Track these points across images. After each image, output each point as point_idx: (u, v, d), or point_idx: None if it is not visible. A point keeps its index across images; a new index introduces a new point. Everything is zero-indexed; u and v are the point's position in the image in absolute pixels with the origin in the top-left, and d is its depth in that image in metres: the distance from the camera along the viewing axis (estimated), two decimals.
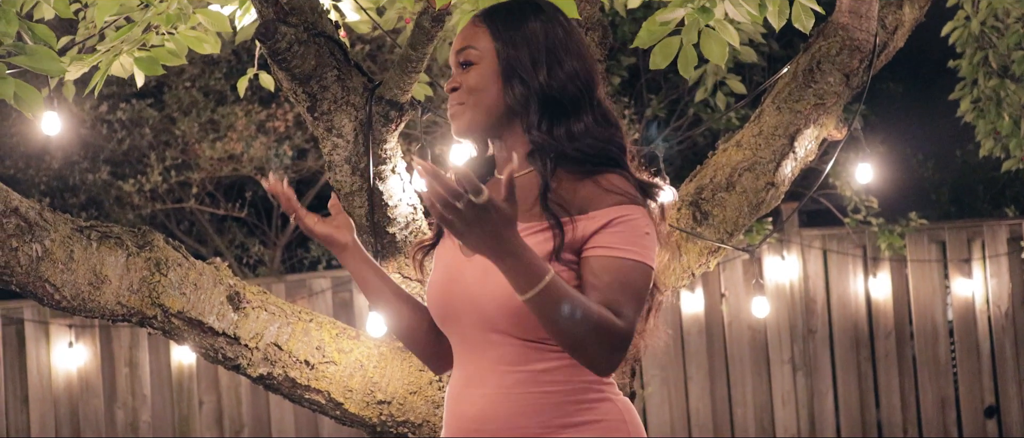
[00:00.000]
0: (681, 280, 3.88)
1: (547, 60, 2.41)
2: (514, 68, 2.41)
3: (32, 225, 3.17)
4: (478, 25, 2.47)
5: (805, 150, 3.99)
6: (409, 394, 3.49)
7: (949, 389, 7.59)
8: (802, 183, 7.35)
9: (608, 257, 2.29)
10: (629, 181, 2.38)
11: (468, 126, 2.45)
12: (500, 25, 2.44)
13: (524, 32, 2.43)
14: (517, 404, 2.36)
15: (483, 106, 2.43)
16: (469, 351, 2.43)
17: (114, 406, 7.40)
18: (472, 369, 2.42)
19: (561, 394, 2.36)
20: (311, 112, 3.33)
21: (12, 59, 2.92)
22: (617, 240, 2.30)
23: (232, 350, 3.40)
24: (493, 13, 2.47)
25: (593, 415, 2.38)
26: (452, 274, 2.45)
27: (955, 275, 7.56)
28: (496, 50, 2.43)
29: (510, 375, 2.37)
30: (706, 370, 7.60)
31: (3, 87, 2.89)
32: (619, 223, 2.31)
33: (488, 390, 2.39)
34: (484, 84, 2.43)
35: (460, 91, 2.45)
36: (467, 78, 2.44)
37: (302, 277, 7.68)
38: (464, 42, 2.46)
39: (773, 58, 8.45)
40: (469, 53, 2.45)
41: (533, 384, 2.36)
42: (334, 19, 3.73)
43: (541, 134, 2.40)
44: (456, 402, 2.45)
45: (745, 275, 7.57)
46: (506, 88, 2.41)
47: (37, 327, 7.34)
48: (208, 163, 8.33)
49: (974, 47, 6.16)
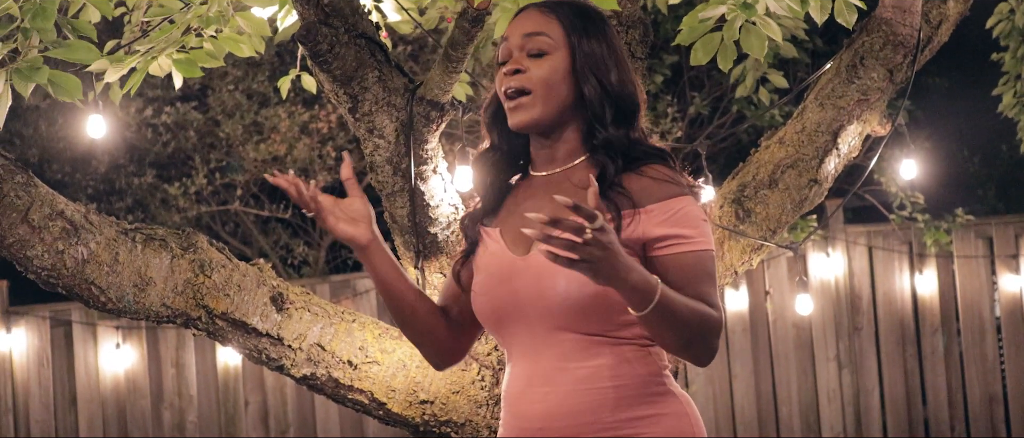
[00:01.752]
0: (725, 278, 3.87)
1: (616, 62, 2.41)
2: (589, 66, 2.38)
3: (78, 228, 3.20)
4: (547, 15, 2.41)
5: (849, 146, 3.97)
6: (452, 394, 3.49)
7: (997, 386, 7.52)
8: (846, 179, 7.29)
9: (683, 252, 2.32)
10: (675, 171, 2.39)
11: (536, 120, 2.39)
12: (574, 20, 2.41)
13: (596, 31, 2.41)
14: (584, 400, 2.35)
15: (554, 100, 2.39)
16: (529, 351, 2.41)
17: (161, 407, 7.45)
18: (534, 368, 2.40)
19: (626, 388, 2.36)
20: (352, 113, 3.34)
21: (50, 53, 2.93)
22: (684, 232, 2.32)
23: (276, 351, 3.41)
24: (566, 6, 2.43)
25: (658, 408, 2.38)
26: (505, 276, 2.42)
27: (1002, 271, 7.49)
28: (571, 44, 2.39)
29: (575, 371, 2.36)
30: (751, 368, 7.57)
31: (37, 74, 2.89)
32: (680, 215, 2.33)
33: (553, 388, 2.37)
34: (558, 77, 2.38)
35: (524, 76, 2.38)
36: (539, 67, 2.38)
37: (346, 277, 7.71)
38: (536, 28, 2.40)
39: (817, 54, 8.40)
40: (542, 41, 2.39)
41: (598, 379, 2.36)
42: (375, 20, 3.74)
43: (614, 131, 2.38)
44: (518, 402, 2.43)
45: (789, 272, 7.54)
46: (583, 84, 2.38)
47: (85, 329, 7.41)
48: (252, 165, 8.37)
49: (1018, 41, 6.10)
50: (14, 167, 3.14)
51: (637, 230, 2.33)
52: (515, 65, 2.39)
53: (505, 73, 2.40)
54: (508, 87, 2.39)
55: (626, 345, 2.37)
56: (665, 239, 2.32)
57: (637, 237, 2.33)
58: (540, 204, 2.40)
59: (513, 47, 2.41)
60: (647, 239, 2.33)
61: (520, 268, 2.40)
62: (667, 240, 2.32)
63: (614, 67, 2.40)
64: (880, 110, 4.01)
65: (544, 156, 2.46)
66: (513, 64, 2.39)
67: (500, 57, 2.44)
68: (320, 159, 8.43)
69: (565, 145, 2.43)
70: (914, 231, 7.57)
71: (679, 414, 2.40)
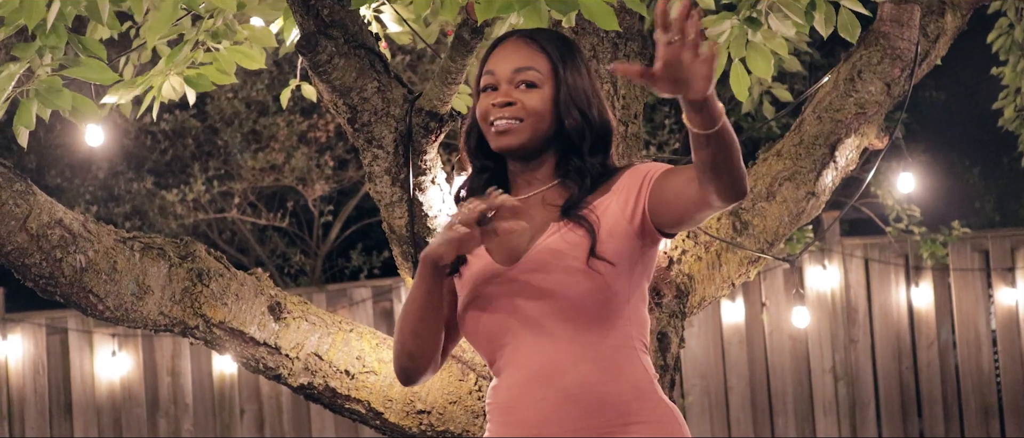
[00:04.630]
0: (721, 290, 3.87)
1: (594, 93, 2.53)
2: (574, 99, 2.50)
3: (76, 236, 3.20)
4: (534, 48, 2.52)
5: (846, 159, 3.97)
6: (449, 404, 3.49)
7: (992, 398, 7.52)
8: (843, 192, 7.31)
9: (665, 169, 2.41)
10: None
11: (522, 145, 2.49)
12: (559, 54, 2.52)
13: (578, 64, 2.53)
14: (577, 406, 2.39)
15: (540, 129, 2.49)
16: (520, 359, 2.44)
17: (156, 415, 7.45)
18: (524, 375, 2.43)
19: (618, 393, 2.40)
20: (351, 123, 3.35)
21: (65, 72, 2.96)
22: (658, 166, 2.43)
23: (273, 360, 3.42)
24: (549, 40, 2.54)
25: (652, 415, 2.42)
26: (496, 287, 2.47)
27: (998, 284, 7.50)
28: (557, 77, 2.50)
29: (566, 378, 2.40)
30: (747, 379, 7.57)
31: (60, 99, 2.93)
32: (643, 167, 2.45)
33: (547, 394, 2.41)
34: (545, 108, 2.49)
35: (516, 108, 2.48)
36: (528, 98, 2.48)
37: (343, 287, 7.71)
38: (526, 62, 2.50)
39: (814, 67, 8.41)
40: (532, 75, 2.49)
41: (591, 385, 2.40)
42: (375, 31, 3.75)
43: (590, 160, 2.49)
44: (511, 410, 2.46)
45: (786, 284, 7.54)
46: (565, 117, 2.49)
47: (81, 336, 7.41)
48: (250, 173, 8.38)
49: (1018, 55, 6.12)
50: (13, 175, 3.15)
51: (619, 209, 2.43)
52: (505, 97, 2.49)
53: (495, 104, 2.49)
54: (500, 117, 2.48)
55: (618, 350, 2.42)
56: (645, 178, 2.42)
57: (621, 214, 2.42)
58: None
59: (501, 79, 2.51)
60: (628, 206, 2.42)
61: (510, 277, 2.45)
62: (648, 176, 2.42)
63: (593, 98, 2.52)
64: (878, 123, 4.02)
65: (523, 180, 2.55)
66: (503, 96, 2.49)
67: (484, 84, 2.53)
68: (318, 168, 8.43)
69: (543, 170, 2.53)
70: (910, 244, 7.57)
71: (673, 422, 2.44)
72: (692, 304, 3.80)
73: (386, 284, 7.63)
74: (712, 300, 3.88)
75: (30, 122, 3.03)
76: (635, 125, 3.74)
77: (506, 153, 2.51)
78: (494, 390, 2.51)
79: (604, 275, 2.40)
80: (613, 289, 2.41)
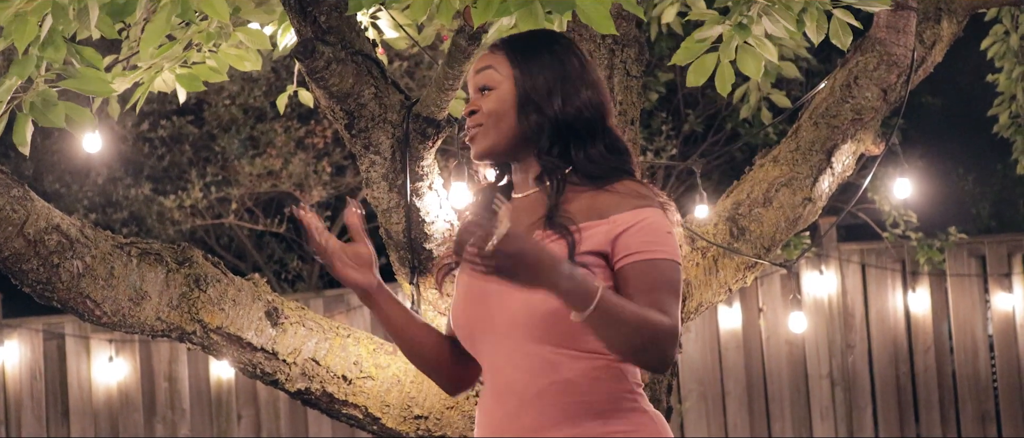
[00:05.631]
0: (718, 295, 3.87)
1: (563, 89, 2.47)
2: (530, 96, 2.47)
3: (73, 242, 3.20)
4: (497, 52, 2.51)
5: (842, 165, 3.98)
6: (446, 409, 3.50)
7: (990, 404, 7.53)
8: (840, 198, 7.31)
9: (640, 261, 2.33)
10: (643, 185, 2.45)
11: (485, 150, 2.50)
12: (519, 53, 2.50)
13: (541, 61, 2.49)
14: (550, 413, 2.38)
15: (500, 131, 2.48)
16: (499, 365, 2.44)
17: (153, 420, 7.45)
18: (501, 381, 2.43)
19: (593, 403, 2.38)
20: (349, 129, 3.35)
21: (62, 83, 2.96)
22: (643, 243, 2.35)
23: (270, 365, 3.42)
24: (513, 41, 2.53)
25: (626, 425, 2.39)
26: (476, 292, 2.47)
27: (995, 290, 7.51)
28: (514, 77, 2.48)
29: (539, 383, 2.39)
30: (744, 385, 7.58)
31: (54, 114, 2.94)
32: (641, 225, 2.36)
33: (524, 404, 2.40)
34: (503, 109, 2.47)
35: (478, 114, 2.49)
36: (486, 102, 2.48)
37: (340, 292, 7.71)
38: (484, 64, 2.51)
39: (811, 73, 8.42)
40: (488, 77, 2.49)
41: (564, 394, 2.38)
42: (372, 37, 3.76)
43: (551, 159, 2.46)
44: (488, 418, 2.47)
45: (783, 290, 7.55)
46: (520, 115, 2.47)
47: (78, 342, 7.41)
48: (247, 179, 8.38)
49: (1013, 62, 6.12)
50: (10, 180, 3.15)
51: (603, 242, 2.37)
52: (471, 106, 2.51)
53: (466, 114, 2.52)
54: (468, 125, 2.51)
55: (597, 360, 2.39)
56: (624, 252, 2.35)
57: (601, 249, 2.37)
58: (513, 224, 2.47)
59: (472, 89, 2.53)
60: (612, 250, 2.36)
61: (493, 286, 2.41)
62: (626, 253, 2.35)
63: (568, 94, 2.47)
64: (874, 129, 4.02)
65: (519, 180, 2.54)
66: (470, 105, 2.51)
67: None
68: (315, 174, 8.43)
69: (532, 170, 2.51)
70: (907, 249, 7.58)
71: (649, 432, 2.41)
72: (689, 309, 3.80)
73: None
74: (709, 305, 3.88)
75: (24, 139, 3.03)
76: (632, 131, 3.74)
77: (482, 160, 2.52)
78: (480, 395, 2.54)
79: None
80: None
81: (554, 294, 2.20)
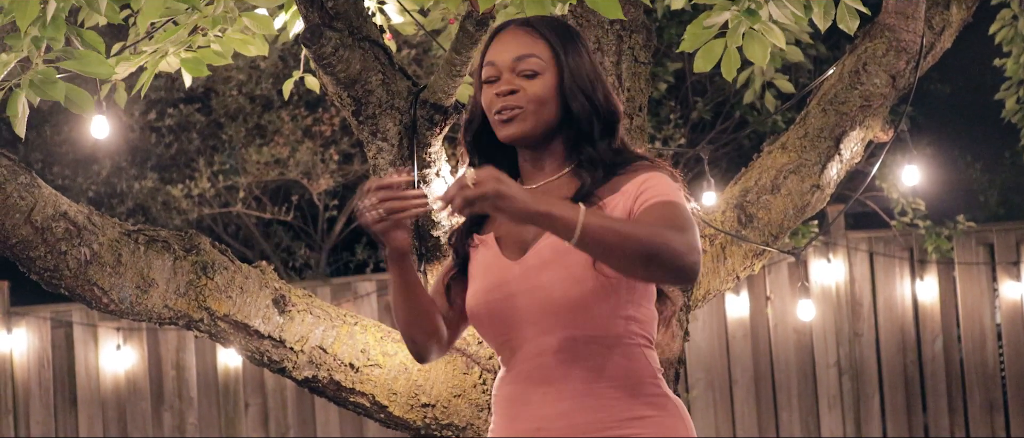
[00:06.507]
0: (726, 283, 3.87)
1: (598, 77, 2.51)
2: (578, 84, 2.48)
3: (81, 229, 3.20)
4: (534, 35, 2.49)
5: (851, 152, 3.97)
6: (453, 397, 3.49)
7: (997, 393, 7.51)
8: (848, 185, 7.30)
9: (650, 204, 2.37)
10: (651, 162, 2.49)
11: (526, 133, 2.47)
12: (559, 39, 2.50)
13: (579, 49, 2.51)
14: (581, 401, 2.39)
15: (544, 117, 2.47)
16: (526, 353, 2.44)
17: (161, 408, 7.46)
18: (530, 370, 2.43)
19: (622, 389, 2.40)
20: (356, 116, 3.35)
21: (61, 63, 2.95)
22: (653, 193, 2.38)
23: (277, 353, 3.41)
24: (548, 26, 2.52)
25: (653, 410, 2.42)
26: (501, 280, 2.46)
27: (1003, 278, 7.49)
28: (559, 64, 2.48)
29: (571, 372, 2.40)
30: (751, 373, 7.57)
31: (54, 90, 2.92)
32: (650, 181, 2.40)
33: (550, 388, 2.41)
34: (548, 96, 2.47)
35: (519, 96, 2.46)
36: (532, 86, 2.46)
37: (347, 280, 7.71)
38: (526, 50, 2.48)
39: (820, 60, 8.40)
40: (533, 62, 2.47)
41: (594, 381, 2.40)
42: (379, 23, 3.75)
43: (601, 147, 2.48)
44: (513, 404, 2.46)
45: (790, 278, 7.53)
46: (571, 102, 2.47)
47: (85, 330, 7.41)
48: (255, 167, 8.38)
49: (1020, 46, 6.10)
50: (18, 168, 3.15)
51: (623, 212, 2.39)
52: (508, 86, 2.47)
53: (498, 94, 2.48)
54: (504, 106, 2.47)
55: (621, 346, 2.41)
56: (640, 201, 2.38)
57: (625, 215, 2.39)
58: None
59: (503, 68, 2.49)
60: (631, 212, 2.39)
61: (515, 272, 2.45)
62: (641, 201, 2.38)
63: (598, 83, 2.50)
64: (882, 116, 4.01)
65: (531, 169, 2.53)
66: (507, 85, 2.48)
67: (486, 76, 2.52)
68: (322, 163, 8.43)
69: (551, 158, 2.51)
70: (915, 237, 7.56)
71: (673, 416, 2.43)
72: (697, 297, 3.80)
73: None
74: (717, 293, 3.88)
75: (16, 111, 3.00)
76: (640, 118, 3.73)
77: (513, 142, 2.49)
78: (499, 382, 2.52)
79: (608, 276, 2.38)
80: (617, 289, 2.40)
81: (542, 226, 2.23)
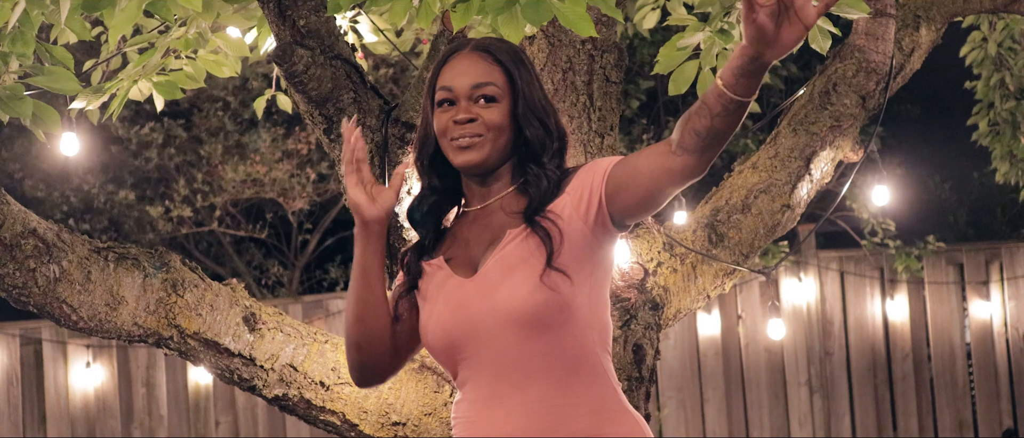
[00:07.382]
0: (697, 302, 3.88)
1: (549, 103, 2.55)
2: (532, 110, 2.50)
3: (50, 246, 3.19)
4: (490, 61, 2.51)
5: (821, 172, 3.99)
6: (424, 416, 3.49)
7: (967, 412, 7.55)
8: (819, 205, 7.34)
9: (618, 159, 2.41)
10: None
11: (484, 160, 2.48)
12: (514, 65, 2.52)
13: (531, 74, 2.54)
14: (539, 420, 2.38)
15: (498, 144, 2.49)
16: (483, 373, 2.42)
17: (131, 426, 7.42)
18: (489, 390, 2.41)
19: (581, 406, 2.39)
20: (327, 134, 3.35)
21: (30, 80, 2.94)
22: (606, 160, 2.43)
23: (248, 371, 3.40)
24: (503, 51, 2.53)
25: (613, 427, 2.40)
26: (456, 300, 2.45)
27: (973, 297, 7.54)
28: (514, 91, 2.50)
29: (529, 391, 2.38)
30: (723, 392, 7.59)
31: (21, 107, 2.91)
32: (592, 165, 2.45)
33: (508, 409, 2.39)
34: (505, 123, 2.49)
35: (477, 124, 2.47)
36: (490, 114, 2.48)
37: (319, 298, 7.70)
38: (484, 77, 2.49)
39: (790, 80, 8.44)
40: (491, 89, 2.48)
41: (553, 398, 2.38)
42: (351, 41, 3.75)
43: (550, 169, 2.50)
44: (473, 425, 2.44)
45: (761, 297, 7.56)
46: (525, 127, 2.49)
47: (55, 347, 7.37)
48: (231, 185, 8.36)
49: (991, 69, 6.15)
50: None
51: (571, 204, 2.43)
52: (467, 114, 2.48)
53: (457, 121, 2.48)
54: (462, 134, 2.48)
55: (580, 364, 2.40)
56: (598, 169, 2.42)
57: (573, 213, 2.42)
58: (479, 233, 2.49)
59: (460, 95, 2.50)
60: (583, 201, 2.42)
61: (469, 289, 2.44)
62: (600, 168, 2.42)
63: (550, 107, 2.53)
64: (853, 136, 4.03)
65: (478, 192, 2.54)
66: (465, 114, 2.48)
67: (440, 98, 2.51)
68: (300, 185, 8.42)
69: (499, 181, 2.53)
70: (885, 257, 7.61)
71: (633, 432, 2.42)
72: (667, 316, 3.80)
73: None
74: (688, 312, 3.88)
75: None
76: (611, 137, 3.74)
77: (467, 169, 2.50)
78: (457, 405, 2.49)
79: (560, 286, 2.38)
80: (570, 299, 2.39)
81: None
